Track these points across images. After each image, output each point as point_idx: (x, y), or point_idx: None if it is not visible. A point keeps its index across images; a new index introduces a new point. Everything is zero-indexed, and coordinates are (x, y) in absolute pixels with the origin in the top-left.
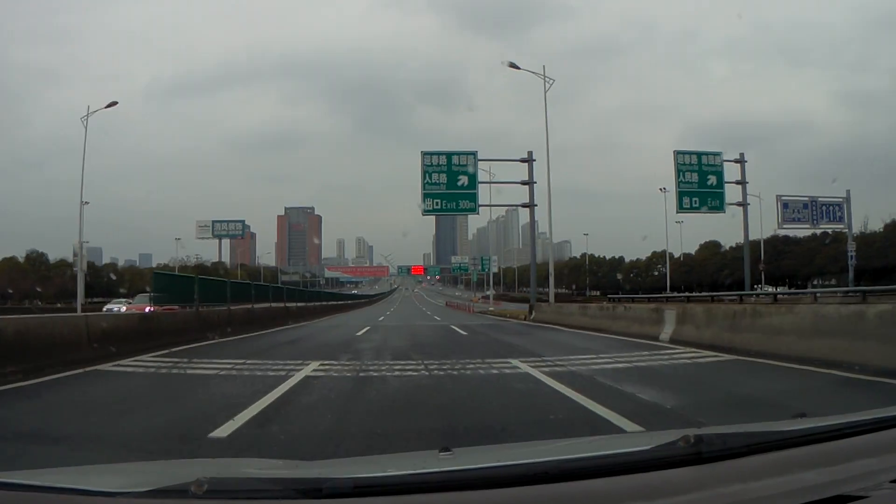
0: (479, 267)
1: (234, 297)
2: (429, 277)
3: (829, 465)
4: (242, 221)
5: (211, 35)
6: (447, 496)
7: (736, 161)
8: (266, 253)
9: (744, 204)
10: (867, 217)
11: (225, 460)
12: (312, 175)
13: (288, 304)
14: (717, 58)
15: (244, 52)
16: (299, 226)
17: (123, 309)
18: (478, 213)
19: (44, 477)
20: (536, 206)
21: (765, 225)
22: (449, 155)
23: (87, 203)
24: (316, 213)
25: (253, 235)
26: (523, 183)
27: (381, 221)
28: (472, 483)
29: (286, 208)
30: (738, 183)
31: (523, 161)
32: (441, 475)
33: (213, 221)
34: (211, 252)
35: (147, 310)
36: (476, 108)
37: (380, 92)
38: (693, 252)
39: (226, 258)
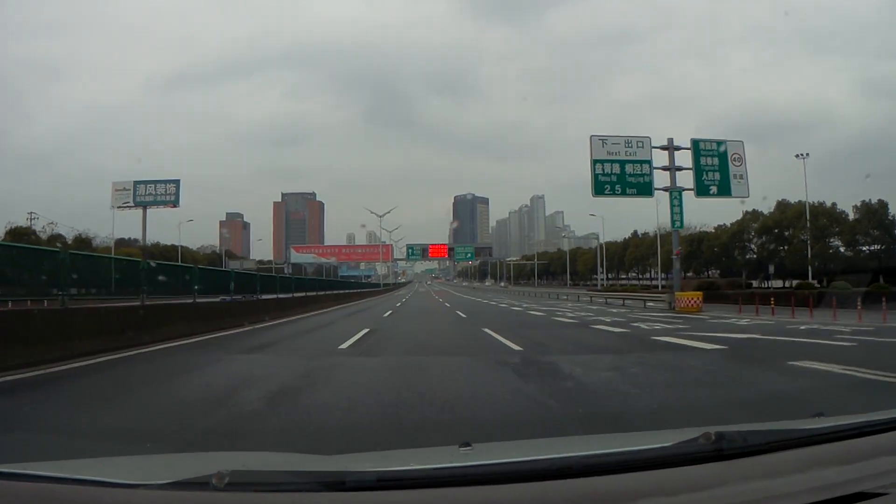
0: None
1: None
2: (449, 264)
3: (850, 462)
4: (177, 182)
5: (213, 25)
6: (470, 490)
7: None
8: (258, 240)
9: None
10: None
11: (245, 453)
12: (319, 169)
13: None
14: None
15: (247, 43)
16: (298, 214)
17: None
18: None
19: (65, 468)
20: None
21: None
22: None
23: None
24: (318, 199)
25: (246, 225)
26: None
27: (394, 216)
28: (495, 478)
29: (283, 194)
30: None
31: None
32: (464, 469)
33: (136, 183)
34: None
35: None
36: (487, 99)
37: (387, 83)
38: None
39: (208, 243)
